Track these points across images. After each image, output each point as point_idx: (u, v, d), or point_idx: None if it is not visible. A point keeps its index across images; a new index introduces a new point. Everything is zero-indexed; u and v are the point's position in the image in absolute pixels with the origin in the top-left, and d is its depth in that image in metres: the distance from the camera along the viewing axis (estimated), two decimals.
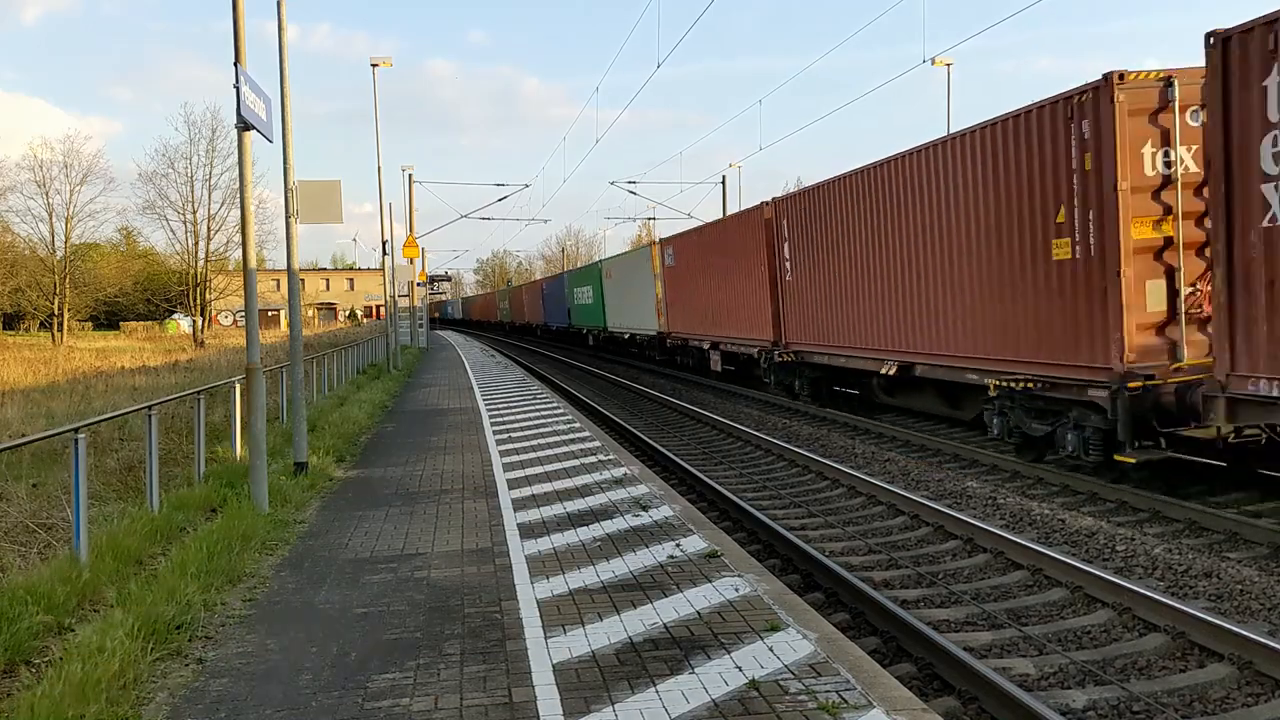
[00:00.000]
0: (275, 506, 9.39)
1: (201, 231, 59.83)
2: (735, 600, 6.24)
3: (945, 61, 34.95)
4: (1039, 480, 11.76)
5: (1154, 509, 9.95)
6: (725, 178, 63.94)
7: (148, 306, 74.49)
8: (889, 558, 9.00)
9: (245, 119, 9.22)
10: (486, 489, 10.35)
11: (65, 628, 6.00)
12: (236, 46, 9.29)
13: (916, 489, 11.68)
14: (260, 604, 6.53)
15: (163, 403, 10.40)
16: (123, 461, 11.94)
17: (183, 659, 5.51)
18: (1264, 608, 7.08)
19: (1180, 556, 8.26)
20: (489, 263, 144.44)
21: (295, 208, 11.19)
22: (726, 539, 8.09)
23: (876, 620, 7.07)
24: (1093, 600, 7.35)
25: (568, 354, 45.97)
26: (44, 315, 63.41)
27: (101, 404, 18.71)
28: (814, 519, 10.70)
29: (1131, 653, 6.39)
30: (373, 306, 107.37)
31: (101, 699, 4.72)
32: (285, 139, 11.19)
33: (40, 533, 8.57)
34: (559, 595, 6.48)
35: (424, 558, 7.59)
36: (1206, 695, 5.76)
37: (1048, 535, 9.38)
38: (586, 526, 8.45)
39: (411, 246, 39.70)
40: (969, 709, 5.65)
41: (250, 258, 9.83)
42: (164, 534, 8.21)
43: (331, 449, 12.90)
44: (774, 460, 14.39)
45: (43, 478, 11.05)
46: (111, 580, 6.72)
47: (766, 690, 4.80)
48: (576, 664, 5.23)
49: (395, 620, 6.08)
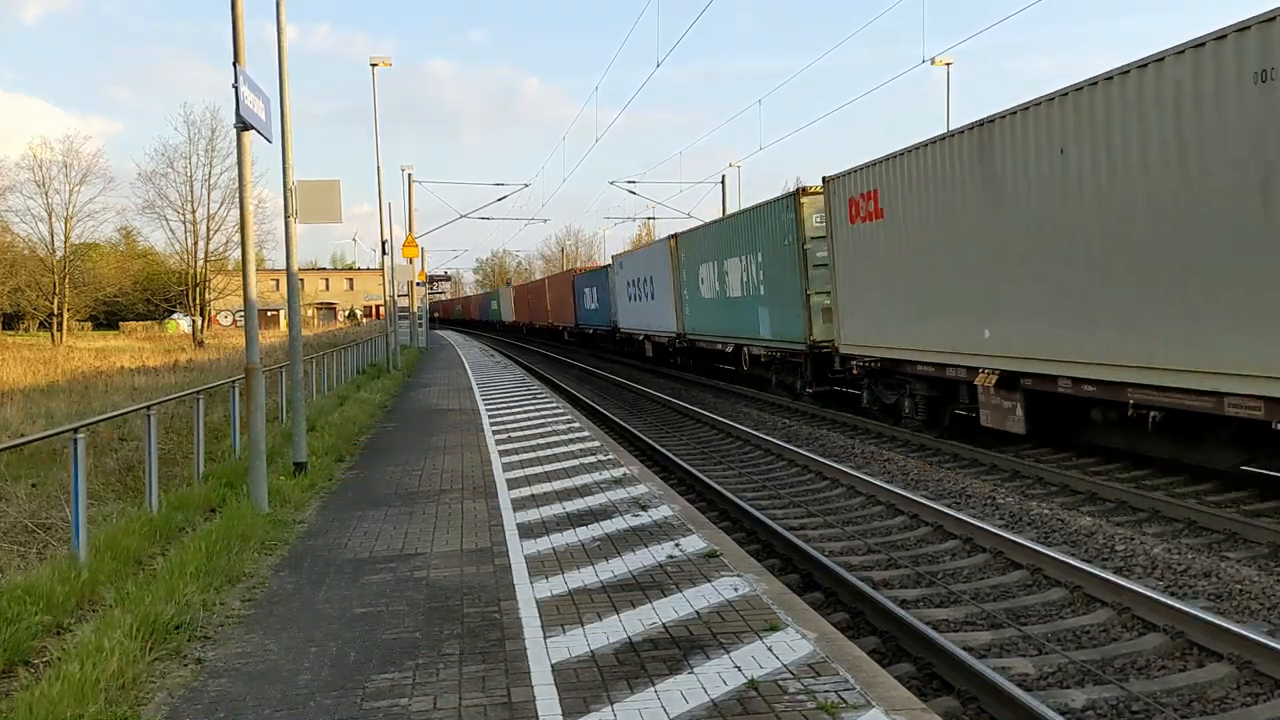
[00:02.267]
0: (274, 506, 9.38)
1: (201, 231, 59.99)
2: (734, 600, 6.24)
3: (945, 61, 34.93)
4: (1038, 480, 11.76)
5: (1153, 508, 9.95)
6: (725, 177, 63.82)
7: (147, 306, 74.51)
8: (888, 557, 9.00)
9: (244, 119, 9.21)
10: (486, 489, 10.35)
11: (64, 628, 6.00)
12: (236, 46, 9.28)
13: (915, 488, 11.68)
14: (259, 604, 6.53)
15: (162, 402, 10.39)
16: (122, 461, 11.94)
17: (181, 659, 5.50)
18: (1263, 607, 7.07)
19: (1179, 556, 8.26)
20: (488, 262, 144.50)
21: (294, 207, 11.18)
22: (726, 539, 8.08)
23: (876, 620, 7.06)
24: (1092, 600, 7.34)
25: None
26: (43, 315, 63.38)
27: (101, 404, 18.71)
28: (813, 519, 10.70)
29: (1131, 652, 6.38)
30: (372, 306, 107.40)
31: (100, 699, 4.71)
32: (285, 139, 11.18)
33: (39, 533, 8.56)
34: (558, 595, 6.48)
35: (423, 558, 7.58)
36: (1206, 695, 5.75)
37: (1047, 535, 9.38)
38: (586, 526, 8.45)
39: (411, 246, 39.71)
40: (968, 709, 5.64)
41: (249, 258, 9.82)
42: (163, 534, 8.20)
43: (331, 449, 12.89)
44: (774, 460, 14.39)
45: (42, 478, 11.05)
46: (110, 580, 6.72)
47: (765, 690, 4.80)
48: (575, 664, 5.23)
49: (394, 620, 6.08)
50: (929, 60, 30.54)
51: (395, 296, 36.35)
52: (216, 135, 58.85)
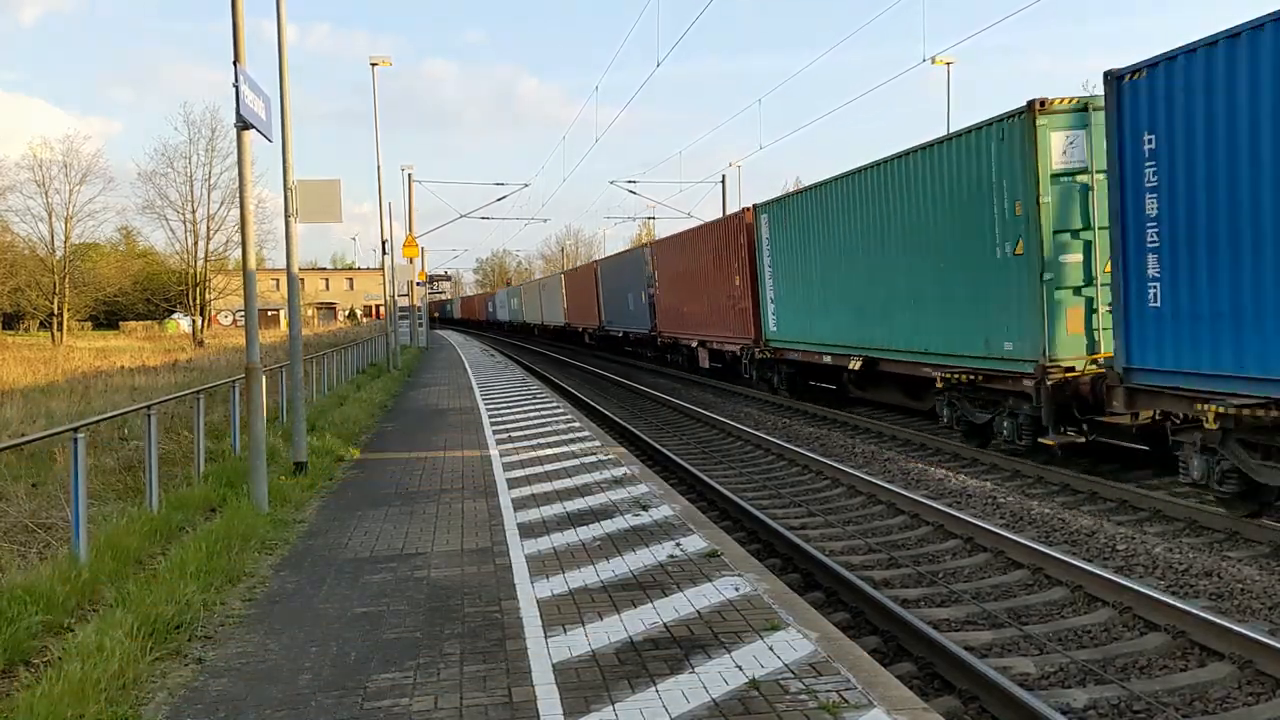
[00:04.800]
0: (275, 506, 9.38)
1: (201, 231, 59.95)
2: (735, 600, 6.23)
3: (946, 60, 34.90)
4: (1039, 479, 11.76)
5: (1154, 508, 9.95)
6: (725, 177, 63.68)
7: (147, 306, 74.46)
8: (889, 557, 8.99)
9: (245, 118, 9.21)
10: (486, 488, 10.34)
11: (64, 628, 5.99)
12: (236, 46, 9.28)
13: (916, 488, 11.67)
14: (260, 604, 6.52)
15: (162, 402, 10.39)
16: (122, 461, 11.94)
17: (182, 659, 5.50)
18: (1265, 607, 7.07)
19: (1181, 555, 8.26)
20: (488, 262, 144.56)
21: (295, 207, 11.17)
22: (726, 538, 8.08)
23: (877, 619, 7.06)
24: (1093, 599, 7.34)
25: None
26: (43, 315, 63.33)
27: (101, 404, 18.70)
28: (814, 518, 10.69)
29: (1132, 652, 6.38)
30: (372, 306, 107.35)
31: (101, 699, 4.70)
32: (285, 138, 11.18)
33: (39, 532, 8.56)
34: (559, 595, 6.47)
35: (424, 557, 7.58)
36: (1207, 694, 5.75)
37: (1048, 534, 9.37)
38: (586, 526, 8.44)
39: (411, 246, 39.69)
40: (970, 708, 5.64)
41: (250, 257, 9.81)
42: (163, 534, 8.20)
43: (332, 449, 12.89)
44: (774, 460, 14.38)
45: (42, 477, 11.04)
46: (111, 580, 6.71)
47: (767, 690, 4.79)
48: (576, 663, 5.22)
49: (395, 620, 6.07)
50: (929, 59, 30.52)
51: (395, 296, 36.35)
52: (216, 135, 58.89)
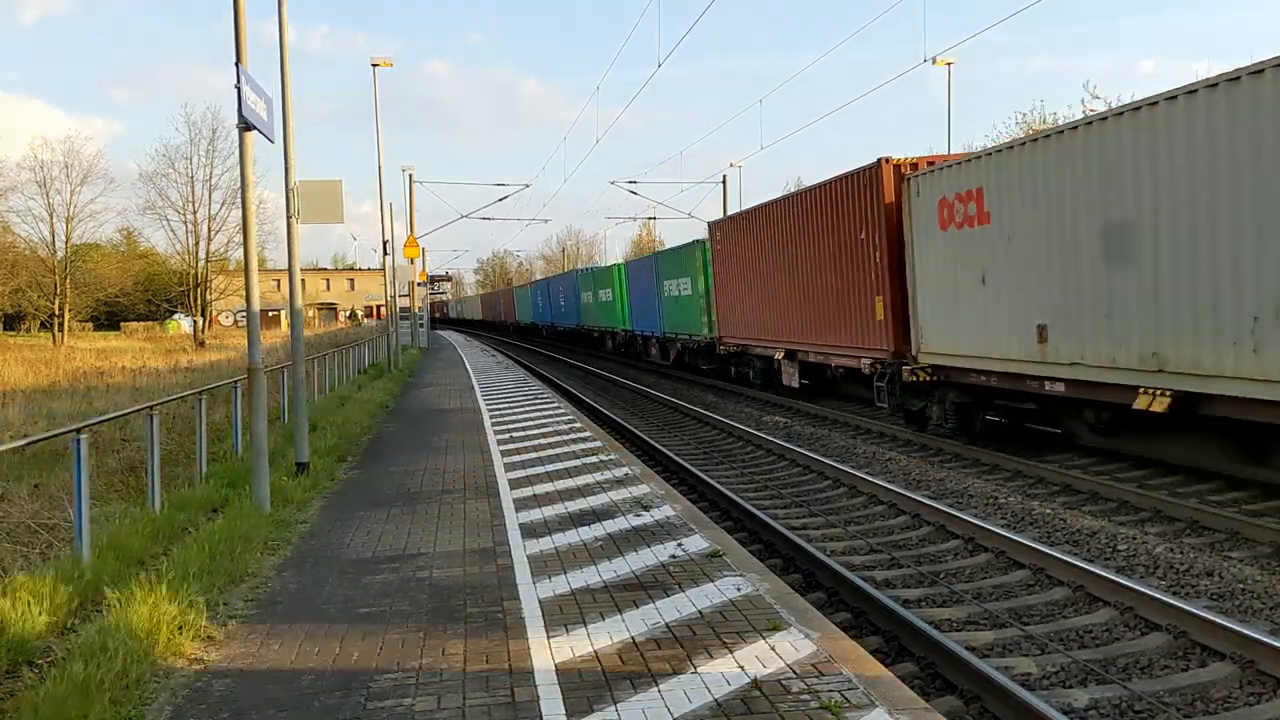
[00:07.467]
0: (277, 506, 9.39)
1: (202, 232, 59.97)
2: (737, 600, 6.24)
3: (946, 61, 34.89)
4: (1040, 480, 11.76)
5: (1156, 508, 9.95)
6: (726, 177, 63.53)
7: (148, 307, 74.42)
8: (890, 557, 9.00)
9: (247, 119, 9.22)
10: (488, 489, 10.35)
11: (67, 628, 6.01)
12: (238, 47, 9.29)
13: (917, 488, 11.68)
14: (262, 604, 6.53)
15: (164, 403, 10.41)
16: (124, 462, 11.97)
17: (185, 659, 5.51)
18: (1266, 606, 7.07)
19: (1182, 555, 8.26)
20: (489, 262, 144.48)
21: (296, 208, 11.18)
22: (728, 538, 8.08)
23: (878, 620, 7.06)
24: (1094, 599, 7.35)
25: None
26: (44, 316, 63.35)
27: (103, 404, 18.74)
28: (815, 519, 10.70)
29: (1133, 652, 6.38)
30: (373, 307, 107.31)
31: (104, 699, 4.72)
32: (286, 139, 11.20)
33: (42, 533, 8.58)
34: (561, 595, 6.48)
35: (426, 557, 7.59)
36: (1208, 694, 5.75)
37: (1049, 535, 9.38)
38: (588, 526, 8.45)
39: (412, 246, 39.70)
40: (971, 708, 5.65)
41: (251, 258, 9.82)
42: (166, 534, 8.21)
43: (333, 449, 12.90)
44: (775, 460, 14.39)
45: (44, 478, 11.06)
46: (113, 580, 6.72)
47: (769, 689, 4.80)
48: (579, 663, 5.23)
49: (398, 620, 6.08)
50: (930, 59, 30.53)
51: (396, 296, 36.35)
52: (217, 136, 58.90)
